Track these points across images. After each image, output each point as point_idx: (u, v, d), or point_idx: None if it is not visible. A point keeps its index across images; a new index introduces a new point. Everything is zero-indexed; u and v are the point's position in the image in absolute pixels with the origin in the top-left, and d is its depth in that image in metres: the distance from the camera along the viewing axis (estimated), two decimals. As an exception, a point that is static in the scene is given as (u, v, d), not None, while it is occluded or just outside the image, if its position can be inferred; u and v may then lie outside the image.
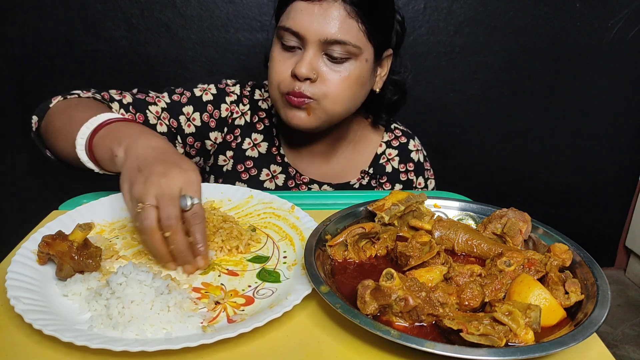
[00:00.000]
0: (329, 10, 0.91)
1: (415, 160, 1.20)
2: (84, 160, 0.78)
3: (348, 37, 0.92)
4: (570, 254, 0.66)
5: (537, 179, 2.24)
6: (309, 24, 0.91)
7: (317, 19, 0.91)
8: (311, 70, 0.93)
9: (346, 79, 0.95)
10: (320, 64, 0.94)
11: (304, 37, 0.92)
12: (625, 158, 2.27)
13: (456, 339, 0.52)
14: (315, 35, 0.91)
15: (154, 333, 0.55)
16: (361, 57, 0.96)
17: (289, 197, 0.88)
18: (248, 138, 1.12)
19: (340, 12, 0.91)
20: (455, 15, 1.91)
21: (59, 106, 0.90)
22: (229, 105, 1.11)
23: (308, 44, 0.93)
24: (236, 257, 0.73)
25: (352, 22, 0.92)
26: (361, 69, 0.97)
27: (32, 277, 0.62)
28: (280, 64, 0.97)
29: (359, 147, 1.18)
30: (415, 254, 0.65)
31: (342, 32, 0.91)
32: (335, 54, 0.93)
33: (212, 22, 1.81)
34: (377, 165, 1.18)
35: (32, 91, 1.84)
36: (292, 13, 0.94)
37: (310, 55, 0.93)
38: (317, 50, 0.93)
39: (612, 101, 2.13)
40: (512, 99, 2.07)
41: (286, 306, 0.58)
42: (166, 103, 1.03)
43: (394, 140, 1.20)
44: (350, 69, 0.95)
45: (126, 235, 0.76)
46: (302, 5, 0.92)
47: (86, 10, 1.74)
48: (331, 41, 0.92)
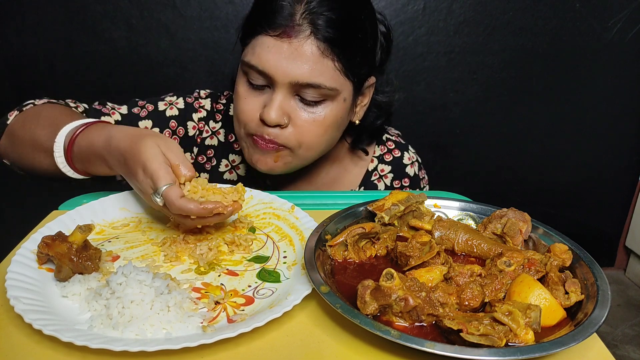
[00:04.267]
0: (299, 49, 0.79)
1: (411, 174, 1.10)
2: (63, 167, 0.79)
3: (322, 79, 0.81)
4: (570, 254, 0.66)
5: (537, 179, 2.24)
6: (277, 63, 0.80)
7: (287, 59, 0.79)
8: (282, 115, 0.82)
9: (321, 123, 0.84)
10: (292, 106, 0.83)
11: (272, 77, 0.81)
12: (625, 158, 2.27)
13: (456, 339, 0.52)
14: (285, 77, 0.80)
15: (154, 333, 0.55)
16: (339, 98, 0.85)
17: (289, 197, 0.88)
18: (225, 159, 1.02)
19: (313, 51, 0.80)
20: (455, 16, 1.91)
21: (18, 120, 0.86)
22: (197, 122, 0.99)
23: (277, 86, 0.82)
24: (236, 257, 0.73)
25: (326, 61, 0.81)
26: (338, 110, 0.85)
27: (32, 277, 0.62)
28: (246, 102, 0.85)
29: (347, 165, 1.08)
30: (415, 254, 0.65)
31: (316, 74, 0.80)
32: (309, 97, 0.82)
33: (212, 23, 1.81)
34: (369, 183, 1.08)
35: (32, 92, 1.84)
36: (257, 48, 0.82)
37: (279, 98, 0.82)
38: (288, 92, 0.82)
39: (612, 101, 2.13)
40: (511, 99, 2.07)
41: (286, 306, 0.57)
42: (121, 115, 0.95)
43: (387, 154, 1.08)
44: (326, 112, 0.84)
45: (126, 235, 0.76)
46: (269, 41, 0.80)
47: (86, 11, 1.73)
48: (303, 84, 0.80)
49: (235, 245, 0.74)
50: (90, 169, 0.79)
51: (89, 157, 0.76)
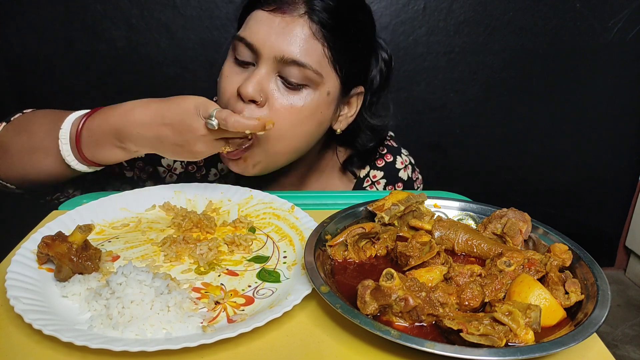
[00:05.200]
0: (291, 24, 0.78)
1: (404, 178, 1.08)
2: (70, 161, 0.78)
3: (308, 59, 0.79)
4: (570, 254, 0.66)
5: (537, 179, 2.24)
6: (266, 36, 0.79)
7: (277, 34, 0.78)
8: (259, 91, 0.79)
9: (299, 111, 0.81)
10: (272, 87, 0.80)
11: (258, 50, 0.79)
12: (625, 158, 2.27)
13: (456, 339, 0.52)
14: (270, 50, 0.79)
15: (154, 333, 0.55)
16: (322, 88, 0.82)
17: (289, 197, 0.88)
18: (214, 168, 1.01)
19: (304, 30, 0.79)
20: (455, 16, 1.91)
21: (8, 130, 0.84)
22: None
23: (261, 60, 0.80)
24: (236, 257, 0.73)
25: (316, 43, 0.79)
26: (319, 103, 0.82)
27: (32, 277, 0.62)
28: (227, 79, 0.83)
29: (337, 173, 1.06)
30: (415, 254, 0.65)
31: (303, 53, 0.78)
32: (292, 78, 0.80)
33: (212, 22, 1.81)
34: (361, 190, 1.06)
35: (32, 92, 1.84)
36: (250, 22, 0.82)
37: (261, 73, 0.79)
38: (271, 69, 0.80)
39: (612, 101, 2.13)
40: (511, 99, 2.07)
41: (286, 306, 0.57)
42: None
43: (379, 159, 1.06)
44: (306, 100, 0.81)
45: (126, 235, 0.76)
46: (262, 15, 0.80)
47: (86, 11, 1.73)
48: (288, 60, 0.78)
49: (235, 245, 0.74)
50: (98, 155, 0.79)
51: (101, 139, 0.77)
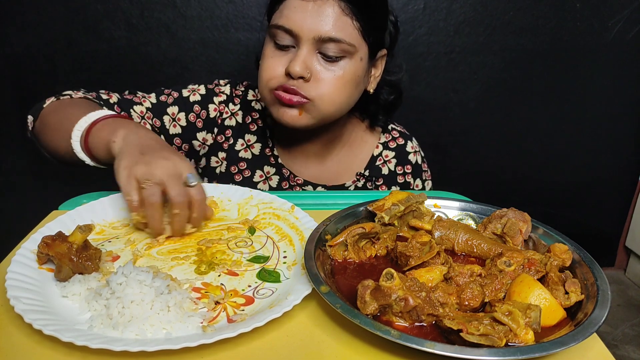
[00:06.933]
0: (323, 7, 0.90)
1: (413, 162, 1.18)
2: (77, 151, 0.84)
3: (342, 34, 0.91)
4: (570, 254, 0.66)
5: (537, 179, 2.24)
6: (303, 21, 0.90)
7: (312, 16, 0.90)
8: (305, 68, 0.91)
9: (341, 78, 0.94)
10: (315, 63, 0.93)
11: (298, 34, 0.91)
12: (625, 158, 2.27)
13: (456, 339, 0.52)
14: (309, 32, 0.90)
15: (154, 333, 0.55)
16: (356, 56, 0.94)
17: (289, 197, 0.88)
18: (241, 139, 1.11)
19: (335, 9, 0.90)
20: (455, 16, 1.91)
21: (52, 106, 0.94)
22: (218, 105, 1.09)
23: (302, 42, 0.91)
24: (236, 257, 0.73)
25: (346, 19, 0.91)
26: (356, 68, 0.95)
27: (32, 277, 0.62)
28: (272, 60, 0.95)
29: (355, 149, 1.16)
30: (415, 254, 0.65)
31: (337, 30, 0.90)
32: (330, 52, 0.92)
33: (212, 22, 1.81)
34: (373, 167, 1.16)
35: (32, 91, 1.84)
36: (285, 10, 0.92)
37: (304, 53, 0.91)
38: (311, 49, 0.92)
39: (612, 101, 2.13)
40: (511, 99, 2.07)
41: (286, 306, 0.58)
42: (151, 103, 1.04)
43: (391, 141, 1.18)
44: (345, 68, 0.94)
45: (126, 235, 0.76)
46: (295, 2, 0.91)
47: (86, 10, 1.73)
48: (325, 39, 0.90)
49: (235, 245, 0.74)
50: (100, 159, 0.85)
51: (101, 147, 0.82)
